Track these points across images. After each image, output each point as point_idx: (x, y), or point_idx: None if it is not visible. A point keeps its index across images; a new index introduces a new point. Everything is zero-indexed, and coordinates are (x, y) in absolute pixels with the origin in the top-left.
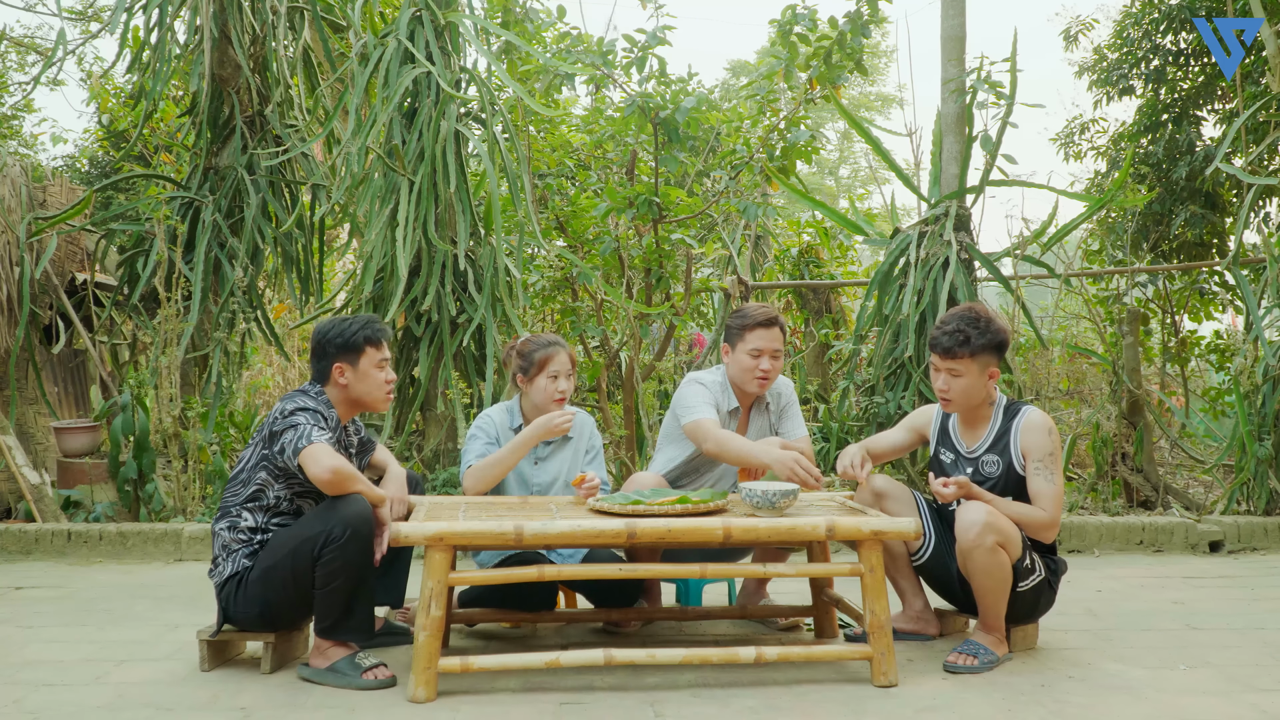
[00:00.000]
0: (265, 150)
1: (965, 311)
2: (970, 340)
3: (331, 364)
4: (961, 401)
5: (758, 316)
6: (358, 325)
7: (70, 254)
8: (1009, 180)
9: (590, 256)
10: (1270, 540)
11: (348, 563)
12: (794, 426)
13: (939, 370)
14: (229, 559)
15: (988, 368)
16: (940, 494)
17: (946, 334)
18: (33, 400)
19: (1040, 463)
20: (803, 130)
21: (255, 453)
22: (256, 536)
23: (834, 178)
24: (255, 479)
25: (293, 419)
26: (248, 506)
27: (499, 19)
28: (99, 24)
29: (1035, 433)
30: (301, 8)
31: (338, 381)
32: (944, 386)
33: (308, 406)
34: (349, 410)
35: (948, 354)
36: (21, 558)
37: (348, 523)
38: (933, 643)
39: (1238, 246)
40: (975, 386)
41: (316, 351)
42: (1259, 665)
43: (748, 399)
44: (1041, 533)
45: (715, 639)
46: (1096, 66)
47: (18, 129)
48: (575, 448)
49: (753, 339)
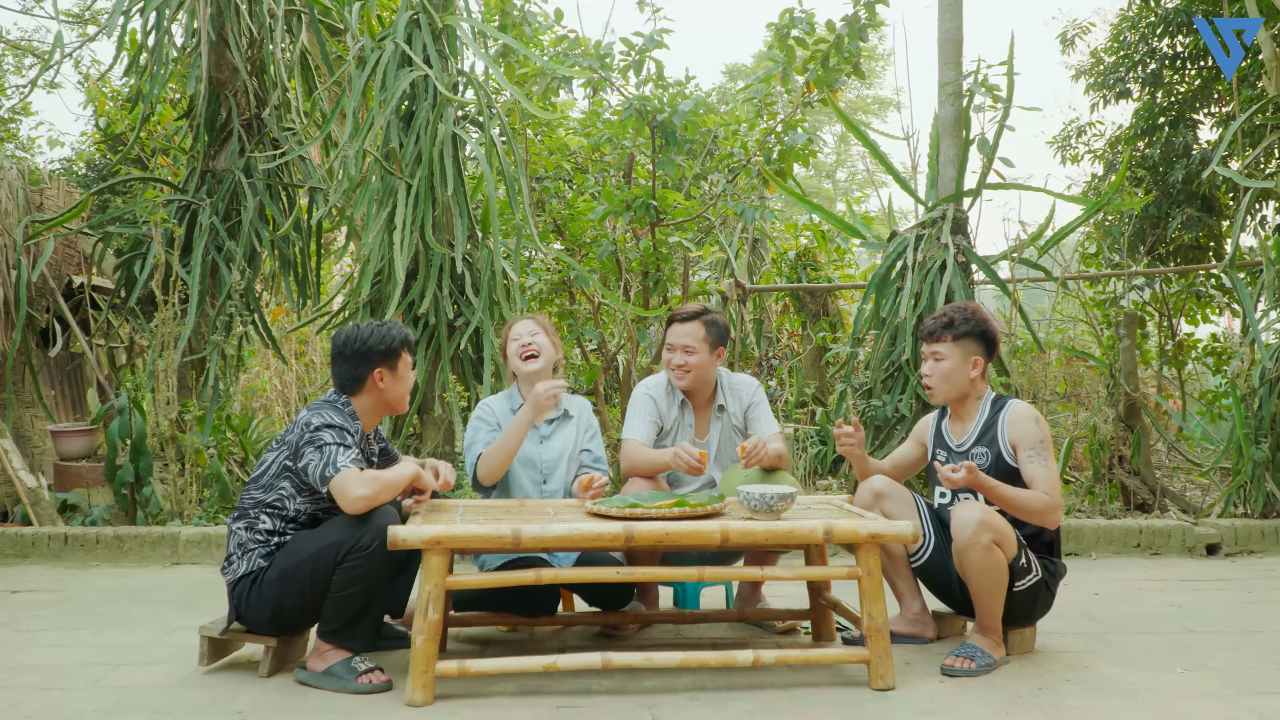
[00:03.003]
0: (262, 153)
1: (954, 305)
2: (954, 324)
3: (373, 369)
4: (943, 387)
5: (676, 313)
6: (395, 329)
7: (67, 257)
8: (1006, 183)
9: (588, 259)
10: (1267, 543)
11: (370, 571)
12: (764, 425)
13: (925, 359)
14: (244, 557)
15: (971, 355)
16: (948, 479)
17: (933, 319)
18: (29, 403)
19: (1033, 450)
20: (800, 133)
21: (278, 461)
22: (274, 539)
23: (831, 181)
24: (278, 487)
25: (318, 436)
26: (267, 511)
27: (496, 22)
28: (96, 27)
29: (1023, 422)
30: (299, 11)
31: (376, 386)
32: (927, 371)
33: (333, 423)
34: (375, 417)
35: (931, 336)
36: (18, 561)
37: (377, 533)
38: (930, 646)
39: (1234, 249)
40: (958, 372)
41: (354, 359)
42: (1256, 668)
43: (698, 393)
44: (1046, 516)
45: (713, 642)
46: (1093, 70)
47: (15, 132)
48: (576, 425)
49: (671, 335)
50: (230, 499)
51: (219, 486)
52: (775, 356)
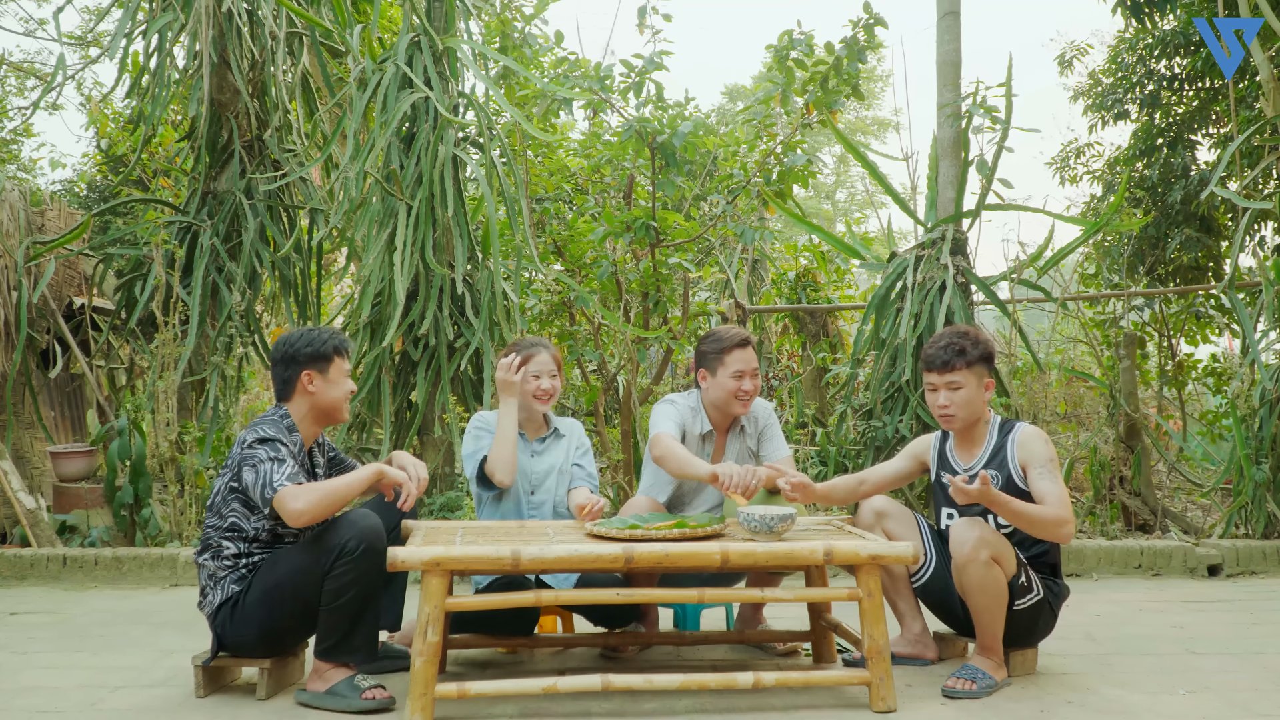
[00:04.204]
0: (263, 175)
1: (954, 329)
2: (966, 351)
3: (300, 371)
4: (964, 415)
5: (735, 339)
6: (328, 335)
7: (68, 278)
8: (1005, 204)
9: (588, 280)
10: (1269, 564)
11: (360, 577)
12: (776, 448)
13: (937, 389)
14: (216, 587)
15: (983, 378)
16: (962, 490)
17: (941, 349)
18: (29, 425)
19: (1042, 468)
20: (799, 155)
21: (225, 484)
22: (241, 562)
23: (831, 202)
24: (230, 511)
25: (252, 454)
26: (227, 537)
27: (497, 44)
28: (99, 49)
29: (1032, 442)
30: (300, 33)
31: (306, 389)
32: (945, 402)
33: (267, 436)
34: (315, 426)
35: (946, 367)
36: (16, 583)
37: (363, 536)
38: (931, 667)
39: (1233, 270)
40: (975, 399)
41: (283, 362)
42: (1259, 690)
43: (724, 422)
44: (1058, 530)
45: (713, 664)
46: (1091, 91)
47: (17, 153)
48: (567, 444)
49: (733, 361)
50: None
51: None
52: (776, 377)
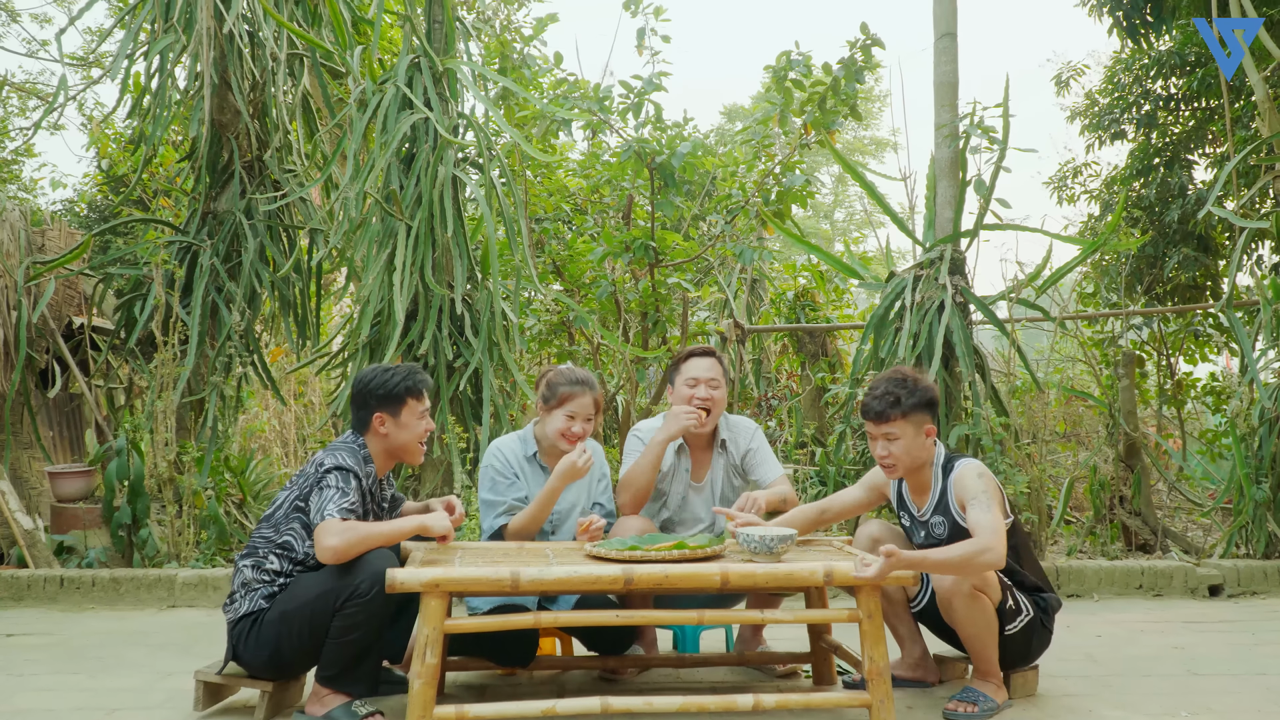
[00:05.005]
0: (263, 195)
1: (892, 374)
2: (900, 401)
3: (372, 414)
4: (905, 463)
5: (693, 349)
6: (400, 376)
7: (68, 298)
8: (1003, 224)
9: (587, 300)
10: (1270, 584)
11: (370, 618)
12: (768, 471)
13: (875, 438)
14: (246, 596)
15: (923, 426)
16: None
17: (876, 398)
18: (27, 445)
19: (974, 500)
20: (798, 175)
21: (290, 500)
22: (279, 580)
23: (829, 221)
24: (288, 528)
25: (324, 479)
26: (276, 552)
27: (496, 65)
28: (101, 70)
29: (965, 479)
30: (301, 54)
31: (378, 431)
32: (884, 452)
33: (344, 465)
34: (387, 461)
35: (880, 418)
36: (13, 604)
37: (375, 579)
38: (932, 690)
39: (1231, 289)
40: (915, 446)
41: (357, 400)
42: (1261, 711)
43: (697, 437)
44: (980, 559)
45: (712, 686)
46: (1088, 111)
47: (18, 173)
48: (590, 476)
49: (688, 369)
50: (228, 541)
51: (216, 528)
52: (774, 397)
